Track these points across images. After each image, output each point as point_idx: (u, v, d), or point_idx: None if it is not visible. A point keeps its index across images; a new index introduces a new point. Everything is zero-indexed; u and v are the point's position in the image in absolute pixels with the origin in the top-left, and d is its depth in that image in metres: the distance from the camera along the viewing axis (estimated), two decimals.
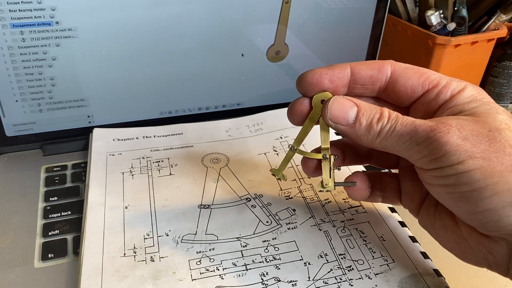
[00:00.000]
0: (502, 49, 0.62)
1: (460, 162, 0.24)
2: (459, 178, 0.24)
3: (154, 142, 0.47)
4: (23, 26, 0.42)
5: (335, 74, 0.30)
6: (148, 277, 0.32)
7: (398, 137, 0.26)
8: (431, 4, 0.59)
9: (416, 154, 0.26)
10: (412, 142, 0.26)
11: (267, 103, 0.56)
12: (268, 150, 0.47)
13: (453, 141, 0.24)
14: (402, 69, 0.30)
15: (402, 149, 0.27)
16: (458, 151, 0.24)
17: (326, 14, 0.53)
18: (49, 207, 0.41)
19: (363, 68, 0.30)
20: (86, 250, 0.34)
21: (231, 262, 0.33)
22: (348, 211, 0.39)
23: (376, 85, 0.30)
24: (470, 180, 0.24)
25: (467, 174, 0.24)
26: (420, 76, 0.29)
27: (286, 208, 0.39)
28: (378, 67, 0.30)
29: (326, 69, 0.30)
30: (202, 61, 0.50)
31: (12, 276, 0.34)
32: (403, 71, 0.30)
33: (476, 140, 0.24)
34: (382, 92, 0.31)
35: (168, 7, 0.46)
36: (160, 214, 0.38)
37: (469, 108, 0.27)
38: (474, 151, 0.24)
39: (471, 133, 0.25)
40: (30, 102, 0.46)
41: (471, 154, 0.24)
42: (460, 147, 0.24)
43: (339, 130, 0.29)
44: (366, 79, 0.30)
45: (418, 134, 0.26)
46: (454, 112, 0.27)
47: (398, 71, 0.30)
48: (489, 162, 0.24)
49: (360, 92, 0.31)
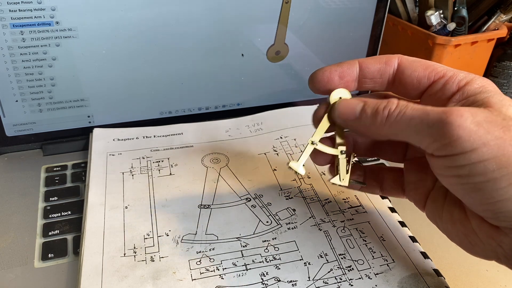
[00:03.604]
0: (502, 49, 0.62)
1: (473, 150, 0.23)
2: (473, 168, 0.24)
3: (154, 142, 0.47)
4: (23, 26, 0.42)
5: (344, 70, 0.31)
6: (148, 277, 0.32)
7: (408, 120, 0.26)
8: (431, 4, 0.59)
9: (427, 138, 0.25)
10: (423, 125, 0.25)
11: (267, 103, 0.56)
12: (268, 150, 0.47)
13: (467, 125, 0.24)
14: (409, 62, 0.30)
15: (412, 133, 0.26)
16: (471, 137, 0.23)
17: (326, 14, 0.53)
18: (49, 207, 0.41)
19: (371, 62, 0.31)
20: (86, 250, 0.34)
21: (231, 262, 0.33)
22: (348, 211, 0.39)
23: (384, 78, 0.31)
24: (485, 171, 0.24)
25: (482, 164, 0.24)
26: (426, 68, 0.29)
27: (286, 208, 0.39)
28: (385, 61, 0.30)
29: (335, 66, 0.31)
30: (202, 61, 0.50)
31: (12, 276, 0.34)
32: (409, 63, 0.30)
33: (490, 127, 0.24)
34: (391, 86, 0.31)
35: (168, 7, 0.46)
36: (160, 214, 0.38)
37: (480, 98, 0.26)
38: (488, 138, 0.23)
39: (485, 120, 0.24)
40: (30, 102, 0.46)
41: (485, 141, 0.23)
42: (473, 133, 0.23)
43: (348, 126, 0.30)
44: (375, 72, 0.30)
45: (430, 116, 0.25)
46: (465, 104, 0.27)
47: (404, 63, 0.30)
48: (503, 151, 0.23)
49: (370, 86, 0.31)
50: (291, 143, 0.47)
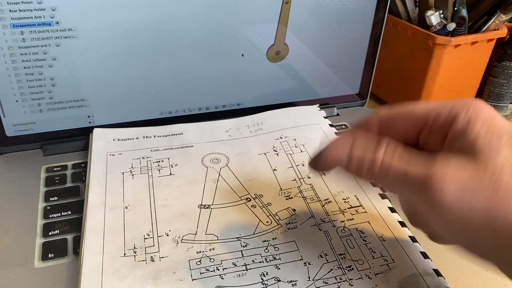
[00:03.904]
0: (502, 49, 0.62)
1: (458, 219, 0.22)
2: (460, 231, 0.23)
3: (154, 142, 0.47)
4: (23, 26, 0.42)
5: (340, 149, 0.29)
6: (148, 277, 0.32)
7: (392, 177, 0.25)
8: (431, 4, 0.59)
9: (413, 196, 0.24)
10: (407, 183, 0.24)
11: (267, 103, 0.56)
12: (268, 150, 0.47)
13: (449, 193, 0.22)
14: (388, 119, 0.28)
15: (398, 188, 0.25)
16: (455, 207, 0.22)
17: (326, 14, 0.53)
18: (49, 207, 0.41)
19: (362, 136, 0.28)
20: (86, 250, 0.34)
21: (231, 262, 0.34)
22: (348, 211, 0.39)
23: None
24: (478, 237, 0.22)
25: (474, 233, 0.22)
26: (405, 120, 0.27)
27: (286, 208, 0.39)
28: (368, 128, 0.29)
29: (333, 144, 0.29)
30: (202, 61, 0.50)
31: (12, 276, 0.34)
32: (388, 121, 0.28)
33: (476, 195, 0.22)
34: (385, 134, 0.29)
35: (168, 7, 0.46)
36: (160, 214, 0.38)
37: (467, 142, 0.24)
38: (475, 208, 0.22)
39: (470, 182, 0.22)
40: (30, 102, 0.46)
41: (470, 216, 0.22)
42: (458, 202, 0.22)
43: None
44: (366, 143, 0.29)
45: (412, 174, 0.24)
46: (454, 149, 0.25)
47: (384, 123, 0.28)
48: (494, 222, 0.22)
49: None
50: (291, 143, 0.47)
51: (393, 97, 0.67)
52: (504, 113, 0.65)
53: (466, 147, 0.24)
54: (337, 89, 0.59)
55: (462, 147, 0.24)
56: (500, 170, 0.22)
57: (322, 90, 0.58)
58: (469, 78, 0.63)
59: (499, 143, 0.23)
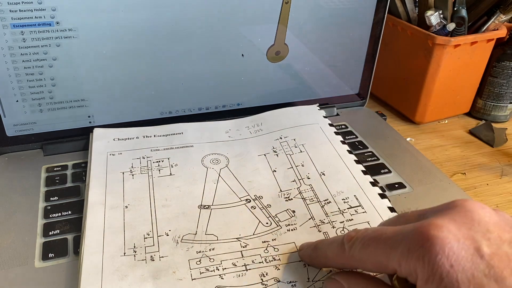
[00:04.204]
0: (502, 49, 0.62)
1: None
2: None
3: (154, 141, 0.47)
4: (23, 26, 0.42)
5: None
6: (148, 276, 0.32)
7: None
8: (431, 4, 0.59)
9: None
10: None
11: (267, 103, 0.56)
12: (268, 151, 0.47)
13: None
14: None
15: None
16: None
17: (326, 14, 0.53)
18: (50, 207, 0.41)
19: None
20: (86, 249, 0.34)
21: (231, 262, 0.34)
22: (348, 212, 0.39)
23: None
24: None
25: None
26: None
27: (285, 210, 0.39)
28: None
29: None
30: (202, 61, 0.50)
31: (13, 276, 0.34)
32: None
33: None
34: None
35: (168, 8, 0.46)
36: (160, 214, 0.38)
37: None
38: None
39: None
40: (30, 102, 0.46)
41: None
42: None
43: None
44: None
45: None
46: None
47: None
48: None
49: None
50: (291, 143, 0.47)
51: (393, 97, 0.67)
52: (504, 113, 0.65)
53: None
54: (337, 89, 0.59)
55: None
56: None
57: (322, 90, 0.58)
58: (469, 78, 0.63)
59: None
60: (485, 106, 0.65)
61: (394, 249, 0.24)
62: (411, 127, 0.64)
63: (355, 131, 0.55)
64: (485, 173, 0.54)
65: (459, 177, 0.53)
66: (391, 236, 0.25)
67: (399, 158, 0.50)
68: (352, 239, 0.28)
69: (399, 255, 0.24)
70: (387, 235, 0.25)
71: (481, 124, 0.64)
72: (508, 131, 0.62)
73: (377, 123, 0.58)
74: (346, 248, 0.28)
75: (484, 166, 0.55)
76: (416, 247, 0.23)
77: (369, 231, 0.27)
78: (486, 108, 0.65)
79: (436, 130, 0.63)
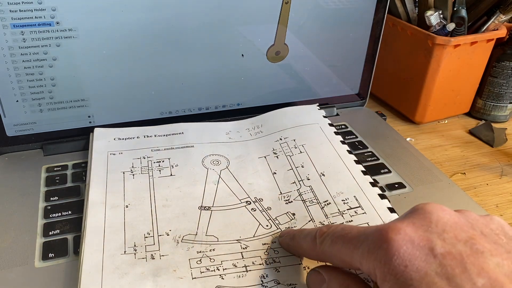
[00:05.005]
0: (502, 49, 0.62)
1: None
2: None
3: (155, 141, 0.47)
4: (23, 26, 0.42)
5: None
6: (148, 274, 0.32)
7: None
8: (431, 4, 0.59)
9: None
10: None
11: (267, 103, 0.56)
12: (268, 153, 0.47)
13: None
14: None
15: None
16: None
17: (326, 14, 0.53)
18: (50, 207, 0.41)
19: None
20: (86, 248, 0.34)
21: (231, 263, 0.34)
22: (347, 213, 0.39)
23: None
24: None
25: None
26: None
27: (285, 213, 0.39)
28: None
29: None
30: (202, 61, 0.50)
31: (13, 276, 0.34)
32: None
33: None
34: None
35: (168, 8, 0.46)
36: (161, 214, 0.38)
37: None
38: None
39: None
40: (30, 102, 0.46)
41: None
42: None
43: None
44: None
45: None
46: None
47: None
48: None
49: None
50: (291, 144, 0.47)
51: (393, 97, 0.67)
52: (503, 113, 0.65)
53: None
54: (337, 89, 0.59)
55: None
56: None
57: (322, 90, 0.58)
58: (469, 78, 0.63)
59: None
60: (485, 106, 0.65)
61: (357, 249, 0.25)
62: (411, 127, 0.64)
63: (355, 131, 0.55)
64: (485, 173, 0.54)
65: (459, 177, 0.53)
66: (356, 235, 0.26)
67: (399, 158, 0.50)
68: (323, 235, 0.29)
69: (361, 255, 0.25)
70: (352, 234, 0.27)
71: (481, 124, 0.64)
72: (508, 131, 0.62)
73: (377, 123, 0.59)
74: (318, 243, 0.29)
75: (484, 166, 0.55)
76: (375, 248, 0.24)
77: (339, 228, 0.28)
78: (486, 108, 0.65)
79: (436, 130, 0.63)
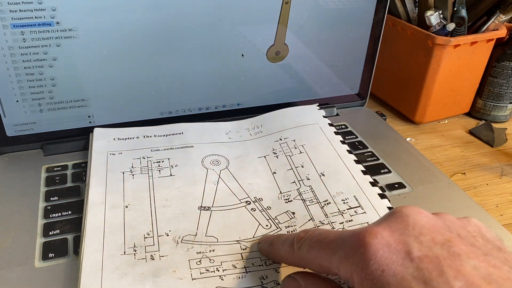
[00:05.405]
0: (502, 49, 0.62)
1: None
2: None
3: (155, 141, 0.47)
4: (23, 26, 0.42)
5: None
6: (148, 275, 0.32)
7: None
8: (431, 4, 0.59)
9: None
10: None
11: (267, 103, 0.56)
12: (268, 153, 0.47)
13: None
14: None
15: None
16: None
17: (326, 15, 0.53)
18: (50, 207, 0.41)
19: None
20: (86, 248, 0.34)
21: (231, 264, 0.34)
22: (347, 212, 0.39)
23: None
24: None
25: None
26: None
27: (285, 212, 0.39)
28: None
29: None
30: (202, 61, 0.50)
31: (13, 276, 0.34)
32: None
33: None
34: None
35: (168, 7, 0.46)
36: (160, 214, 0.38)
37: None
38: None
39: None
40: (30, 102, 0.46)
41: None
42: None
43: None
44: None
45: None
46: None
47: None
48: None
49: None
50: (291, 145, 0.47)
51: (393, 97, 0.67)
52: (503, 113, 0.65)
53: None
54: (337, 89, 0.59)
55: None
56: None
57: (322, 90, 0.58)
58: (469, 78, 0.63)
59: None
60: (485, 106, 0.65)
61: (334, 253, 0.25)
62: (411, 127, 0.64)
63: (355, 131, 0.55)
64: (485, 173, 0.54)
65: (459, 177, 0.53)
66: (333, 240, 0.26)
67: (399, 158, 0.50)
68: (300, 240, 0.28)
69: (338, 260, 0.25)
70: (329, 239, 0.26)
71: (481, 124, 0.64)
72: (508, 131, 0.62)
73: (377, 123, 0.59)
74: (295, 249, 0.28)
75: (484, 166, 0.55)
76: (352, 252, 0.24)
77: (316, 233, 0.28)
78: (486, 108, 0.65)
79: (436, 130, 0.63)
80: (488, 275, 0.21)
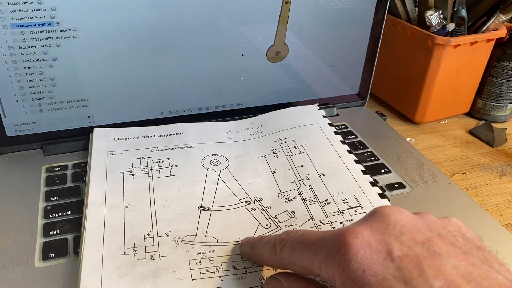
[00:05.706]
0: (502, 49, 0.62)
1: None
2: None
3: (155, 141, 0.47)
4: (23, 27, 0.42)
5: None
6: (148, 275, 0.32)
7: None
8: (431, 4, 0.59)
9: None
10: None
11: (267, 103, 0.56)
12: (267, 152, 0.47)
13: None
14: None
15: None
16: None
17: (326, 15, 0.53)
18: (50, 207, 0.41)
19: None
20: (86, 248, 0.34)
21: (231, 265, 0.34)
22: (347, 212, 0.39)
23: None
24: None
25: None
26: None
27: (285, 211, 0.39)
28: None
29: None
30: (202, 61, 0.50)
31: (13, 276, 0.34)
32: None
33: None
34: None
35: (168, 7, 0.46)
36: (160, 214, 0.38)
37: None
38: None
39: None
40: (30, 102, 0.46)
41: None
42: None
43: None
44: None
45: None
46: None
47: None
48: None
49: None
50: (291, 145, 0.47)
51: (393, 97, 0.67)
52: (503, 113, 0.65)
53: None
54: (337, 89, 0.59)
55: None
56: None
57: (322, 90, 0.58)
58: (469, 78, 0.63)
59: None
60: (485, 106, 0.65)
61: (316, 254, 0.25)
62: (411, 127, 0.64)
63: (355, 131, 0.55)
64: (485, 173, 0.54)
65: (459, 177, 0.53)
66: (315, 241, 0.26)
67: (399, 158, 0.50)
68: (282, 242, 0.28)
69: (320, 261, 0.25)
70: (311, 240, 0.26)
71: (481, 124, 0.64)
72: (508, 131, 0.62)
73: (377, 123, 0.59)
74: (277, 250, 0.28)
75: (484, 166, 0.55)
76: (333, 253, 0.24)
77: (298, 234, 0.28)
78: (486, 108, 0.65)
79: (436, 130, 0.63)
80: (468, 274, 0.21)
